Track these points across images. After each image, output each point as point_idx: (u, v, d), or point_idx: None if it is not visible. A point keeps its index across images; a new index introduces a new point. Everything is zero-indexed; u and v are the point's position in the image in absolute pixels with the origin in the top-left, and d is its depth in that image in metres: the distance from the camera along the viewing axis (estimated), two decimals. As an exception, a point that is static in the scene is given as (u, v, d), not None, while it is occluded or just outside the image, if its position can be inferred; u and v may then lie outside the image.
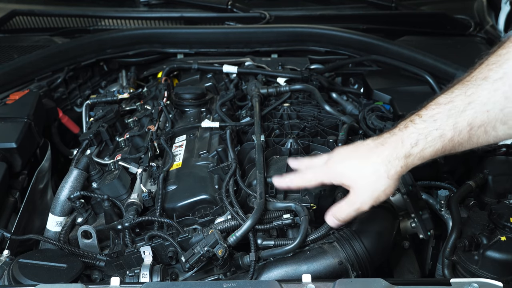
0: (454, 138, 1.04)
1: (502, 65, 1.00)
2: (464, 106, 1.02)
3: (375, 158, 1.11)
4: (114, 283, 1.08)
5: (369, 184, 1.13)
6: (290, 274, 1.23)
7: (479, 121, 1.01)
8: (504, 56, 1.00)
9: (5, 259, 1.28)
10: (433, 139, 1.06)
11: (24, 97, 1.90)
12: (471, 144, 1.05)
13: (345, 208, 1.18)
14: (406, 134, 1.08)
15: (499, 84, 0.99)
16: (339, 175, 1.18)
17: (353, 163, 1.15)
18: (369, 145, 1.14)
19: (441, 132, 1.05)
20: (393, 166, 1.10)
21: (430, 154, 1.08)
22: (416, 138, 1.07)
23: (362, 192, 1.15)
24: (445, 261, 1.30)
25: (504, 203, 1.33)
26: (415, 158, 1.09)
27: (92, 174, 1.58)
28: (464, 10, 2.56)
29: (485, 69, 1.02)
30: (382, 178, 1.11)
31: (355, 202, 1.16)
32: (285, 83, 2.02)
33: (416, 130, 1.07)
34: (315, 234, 1.27)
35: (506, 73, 0.99)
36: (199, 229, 1.33)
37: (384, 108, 1.94)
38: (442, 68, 1.99)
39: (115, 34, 2.35)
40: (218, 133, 1.70)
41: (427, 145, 1.06)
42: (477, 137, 1.03)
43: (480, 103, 1.01)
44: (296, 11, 2.69)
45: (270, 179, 1.42)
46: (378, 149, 1.12)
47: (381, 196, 1.14)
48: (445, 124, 1.04)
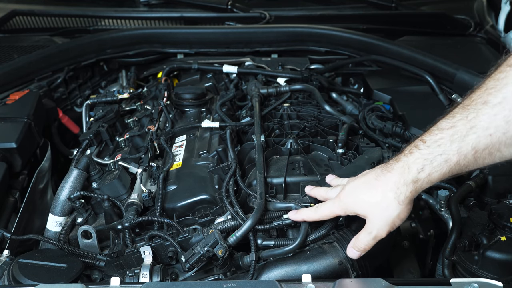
0: (460, 162, 1.05)
1: (500, 90, 1.00)
2: (466, 131, 1.03)
3: (383, 186, 1.13)
4: (114, 283, 1.08)
5: (381, 212, 1.14)
6: (290, 274, 1.23)
7: (483, 145, 1.03)
8: (502, 80, 1.01)
9: (5, 259, 1.28)
10: (439, 164, 1.07)
11: (24, 97, 1.91)
12: (477, 165, 1.06)
13: (364, 238, 1.19)
14: (412, 160, 1.10)
15: (499, 108, 1.00)
16: (351, 207, 1.20)
17: (363, 192, 1.17)
18: (377, 172, 1.16)
19: (446, 157, 1.06)
20: (402, 192, 1.11)
21: (437, 178, 1.09)
22: (422, 164, 1.08)
23: (376, 220, 1.16)
24: (445, 261, 1.30)
25: (504, 203, 1.33)
26: (423, 183, 1.10)
27: (92, 174, 1.58)
28: (464, 10, 2.56)
29: (484, 93, 1.03)
30: (392, 205, 1.13)
31: (372, 231, 1.17)
32: (285, 83, 2.02)
33: (421, 156, 1.08)
34: (315, 234, 1.27)
35: (505, 98, 1.00)
36: (199, 229, 1.33)
37: (384, 108, 1.94)
38: (442, 68, 1.99)
39: (115, 34, 2.35)
40: (218, 133, 1.70)
41: (434, 170, 1.08)
42: (482, 159, 1.05)
43: (482, 128, 1.02)
44: (296, 11, 2.69)
45: (270, 179, 1.42)
46: (385, 176, 1.13)
47: (396, 221, 1.15)
48: (449, 149, 1.05)
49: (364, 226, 1.19)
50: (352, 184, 1.21)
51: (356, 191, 1.19)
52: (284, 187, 1.42)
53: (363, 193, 1.17)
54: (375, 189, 1.14)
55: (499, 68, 1.03)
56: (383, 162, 1.19)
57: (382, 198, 1.13)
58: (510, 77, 1.00)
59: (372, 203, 1.15)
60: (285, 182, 1.42)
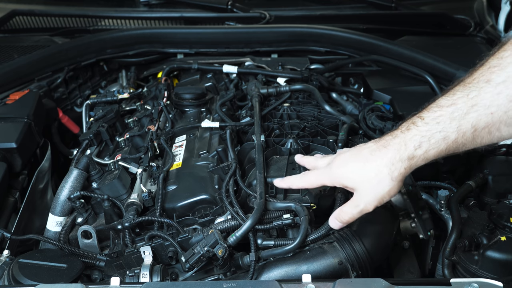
0: (458, 140, 1.05)
1: (504, 68, 1.00)
2: (467, 109, 1.03)
3: (378, 160, 1.12)
4: (114, 283, 1.08)
5: (372, 186, 1.14)
6: (290, 274, 1.23)
7: (483, 123, 1.02)
8: (506, 59, 1.01)
9: (5, 259, 1.28)
10: (437, 141, 1.06)
11: (24, 97, 1.90)
12: (474, 144, 1.06)
13: (349, 210, 1.18)
14: (409, 137, 1.09)
15: (502, 87, 0.99)
16: (341, 178, 1.19)
17: (356, 165, 1.16)
18: (371, 147, 1.15)
19: (445, 135, 1.05)
20: (396, 168, 1.10)
21: (434, 155, 1.09)
22: (419, 141, 1.08)
23: (365, 194, 1.15)
24: (445, 261, 1.30)
25: (504, 203, 1.33)
26: (419, 160, 1.10)
27: (92, 174, 1.59)
28: (464, 10, 2.56)
29: (487, 71, 1.02)
30: (385, 180, 1.12)
31: (359, 204, 1.17)
32: (285, 83, 2.02)
33: (419, 133, 1.08)
34: (315, 234, 1.27)
35: (510, 77, 0.99)
36: (199, 229, 1.33)
37: (384, 108, 1.94)
38: (442, 68, 1.99)
39: (115, 34, 2.35)
40: (218, 133, 1.70)
41: (431, 147, 1.07)
42: (481, 138, 1.04)
43: (484, 106, 1.01)
44: (296, 11, 2.69)
45: (270, 179, 1.42)
46: (380, 151, 1.12)
47: (385, 197, 1.15)
48: (449, 127, 1.05)
49: (351, 199, 1.18)
50: (345, 156, 1.20)
51: (348, 163, 1.18)
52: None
53: (356, 166, 1.16)
54: (369, 163, 1.13)
55: (503, 46, 1.03)
56: None
57: (375, 173, 1.12)
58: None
59: (364, 176, 1.14)
60: (285, 182, 1.42)
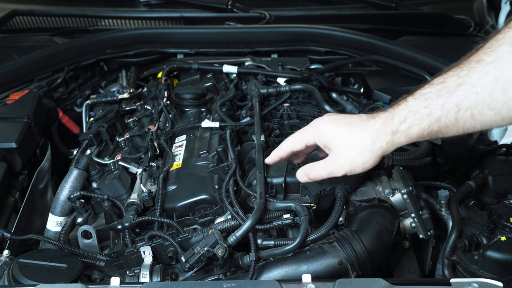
0: (441, 119, 1.05)
1: (496, 49, 1.01)
2: (455, 87, 1.04)
3: (364, 129, 1.13)
4: (114, 283, 1.08)
5: (350, 153, 1.15)
6: (290, 274, 1.23)
7: (467, 103, 1.02)
8: (499, 40, 1.01)
9: (5, 259, 1.28)
10: (421, 116, 1.07)
11: (24, 97, 1.90)
12: (457, 128, 1.06)
13: (319, 168, 1.19)
14: (397, 111, 1.11)
15: (490, 67, 1.00)
16: (324, 136, 1.19)
17: (342, 128, 1.17)
18: (362, 117, 1.17)
19: (429, 111, 1.06)
20: (379, 140, 1.12)
21: (416, 133, 1.09)
22: (405, 115, 1.09)
23: (341, 158, 1.16)
24: (445, 261, 1.30)
25: (504, 203, 1.33)
26: (402, 136, 1.10)
27: (92, 174, 1.58)
28: (464, 10, 2.56)
29: (480, 52, 1.03)
30: (365, 150, 1.13)
31: (331, 165, 1.17)
32: (285, 83, 2.02)
33: (406, 107, 1.09)
34: (315, 234, 1.27)
35: (498, 57, 1.00)
36: (199, 229, 1.33)
37: (384, 108, 1.94)
38: (442, 68, 1.98)
39: (115, 34, 2.35)
40: (218, 133, 1.70)
41: (414, 122, 1.08)
42: (463, 121, 1.04)
43: (471, 85, 1.02)
44: (296, 11, 2.69)
45: (270, 179, 1.42)
46: (369, 122, 1.14)
47: (358, 167, 1.15)
48: (434, 103, 1.06)
49: (325, 159, 1.19)
50: (333, 116, 1.22)
51: (335, 123, 1.19)
52: (284, 187, 1.42)
53: (342, 127, 1.17)
54: (355, 129, 1.14)
55: (500, 30, 1.03)
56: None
57: (358, 140, 1.13)
58: (508, 38, 1.00)
59: (346, 141, 1.15)
60: (285, 182, 1.42)
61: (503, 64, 0.99)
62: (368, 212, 1.33)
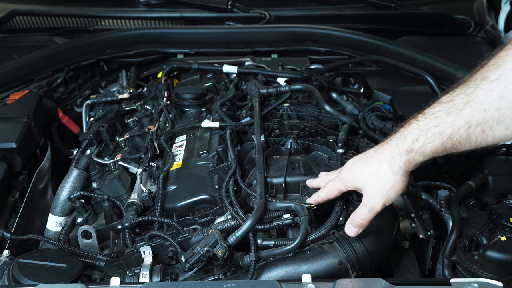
0: (453, 136, 1.06)
1: (500, 66, 1.02)
2: (463, 105, 1.05)
3: (379, 156, 1.15)
4: (114, 283, 1.08)
5: (376, 184, 1.16)
6: (290, 274, 1.23)
7: (476, 120, 1.03)
8: (503, 58, 1.03)
9: (5, 259, 1.28)
10: (433, 135, 1.08)
11: (24, 97, 1.91)
12: (470, 144, 1.07)
13: (360, 212, 1.20)
14: (409, 131, 1.12)
15: (495, 84, 1.01)
16: (350, 179, 1.22)
17: (361, 165, 1.20)
18: (376, 146, 1.19)
19: (440, 129, 1.07)
20: (396, 162, 1.13)
21: (430, 150, 1.10)
22: (417, 134, 1.10)
23: (371, 191, 1.18)
24: (445, 261, 1.30)
25: (504, 203, 1.33)
26: (417, 154, 1.11)
27: (92, 174, 1.58)
28: (464, 10, 2.56)
29: (485, 69, 1.05)
30: (386, 175, 1.14)
31: (367, 203, 1.18)
32: (285, 83, 2.02)
33: (418, 127, 1.11)
34: (315, 234, 1.27)
35: (503, 74, 1.01)
36: (199, 229, 1.33)
37: (384, 108, 1.94)
38: (442, 68, 1.99)
39: (115, 34, 2.35)
40: (218, 133, 1.70)
41: (427, 141, 1.09)
42: (475, 137, 1.05)
43: (478, 102, 1.03)
44: (296, 11, 2.69)
45: (270, 179, 1.42)
46: (383, 148, 1.16)
47: (390, 193, 1.16)
48: (444, 122, 1.07)
49: (362, 201, 1.20)
50: (353, 159, 1.24)
51: (355, 165, 1.22)
52: (284, 187, 1.42)
53: (361, 165, 1.19)
54: (372, 161, 1.17)
55: (504, 46, 1.05)
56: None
57: (377, 169, 1.15)
58: (511, 55, 1.01)
59: (368, 174, 1.17)
60: (285, 182, 1.42)
61: (508, 81, 1.00)
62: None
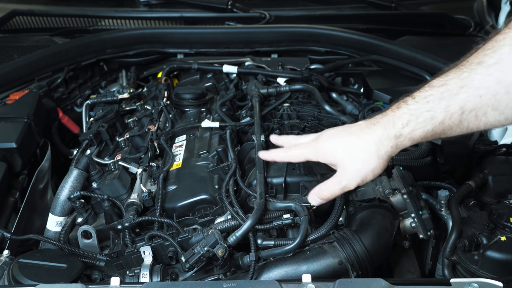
0: (444, 121, 1.04)
1: (497, 51, 1.00)
2: (457, 90, 1.03)
3: (366, 137, 1.11)
4: (114, 283, 1.08)
5: (358, 163, 1.13)
6: (290, 274, 1.23)
7: (471, 105, 1.02)
8: (500, 42, 1.00)
9: (5, 259, 1.28)
10: (424, 120, 1.06)
11: (24, 97, 1.90)
12: (461, 129, 1.05)
13: (330, 186, 1.17)
14: (398, 115, 1.09)
15: (493, 69, 0.99)
16: (327, 153, 1.17)
17: (343, 141, 1.15)
18: (361, 125, 1.14)
19: (433, 114, 1.05)
20: (383, 146, 1.10)
21: (420, 135, 1.08)
22: (408, 119, 1.07)
23: (349, 170, 1.14)
24: (445, 261, 1.30)
25: (504, 203, 1.33)
26: (405, 139, 1.09)
27: (92, 174, 1.59)
28: (464, 10, 2.56)
29: (480, 54, 1.02)
30: (371, 157, 1.11)
31: (342, 180, 1.15)
32: (285, 83, 2.02)
33: (408, 111, 1.08)
34: (315, 234, 1.27)
35: (500, 59, 0.99)
36: (199, 229, 1.33)
37: (384, 108, 1.94)
38: (442, 68, 1.98)
39: (115, 34, 2.35)
40: (218, 133, 1.70)
41: (418, 126, 1.07)
42: (467, 122, 1.04)
43: (473, 87, 1.01)
44: (296, 11, 2.69)
45: (270, 179, 1.42)
46: (369, 128, 1.12)
47: (368, 175, 1.14)
48: (437, 107, 1.04)
49: (334, 175, 1.17)
50: (332, 131, 1.19)
51: (336, 138, 1.17)
52: (284, 187, 1.42)
53: (343, 141, 1.15)
54: (357, 140, 1.12)
55: (499, 31, 1.03)
56: None
57: (362, 149, 1.11)
58: (508, 39, 0.99)
59: (350, 152, 1.13)
60: (285, 182, 1.42)
61: (506, 66, 0.98)
62: (368, 212, 1.33)
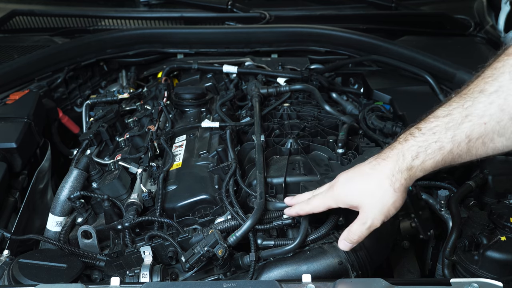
0: (453, 150, 1.06)
1: (497, 78, 1.01)
2: (461, 119, 1.04)
3: (378, 174, 1.12)
4: (114, 283, 1.08)
5: (376, 201, 1.13)
6: (290, 274, 1.23)
7: (477, 133, 1.03)
8: (499, 69, 1.02)
9: (5, 259, 1.28)
10: (433, 151, 1.07)
11: (24, 97, 1.91)
12: (470, 156, 1.06)
13: (357, 229, 1.17)
14: (406, 147, 1.10)
15: (494, 97, 1.00)
16: (345, 197, 1.18)
17: (357, 183, 1.16)
18: (371, 162, 1.15)
19: (440, 145, 1.06)
20: (397, 180, 1.11)
21: (431, 166, 1.09)
22: (416, 151, 1.08)
23: (371, 209, 1.14)
24: (445, 261, 1.30)
25: (504, 203, 1.33)
26: (417, 170, 1.10)
27: (92, 174, 1.59)
28: (464, 10, 2.56)
29: (481, 82, 1.04)
30: (388, 193, 1.12)
31: (366, 221, 1.15)
32: (285, 83, 2.02)
33: (416, 143, 1.09)
34: (315, 234, 1.27)
35: (501, 87, 1.00)
36: (199, 229, 1.33)
37: (384, 108, 1.94)
38: (442, 68, 1.99)
39: (115, 34, 2.35)
40: (218, 133, 1.70)
41: (427, 157, 1.08)
42: (475, 149, 1.05)
43: (477, 116, 1.02)
44: (296, 11, 2.69)
45: (270, 179, 1.42)
46: (380, 165, 1.13)
47: (391, 210, 1.14)
48: (444, 137, 1.05)
49: (357, 217, 1.17)
50: (346, 175, 1.20)
51: (350, 182, 1.18)
52: (284, 187, 1.42)
53: (358, 183, 1.15)
54: (370, 178, 1.13)
55: (497, 58, 1.04)
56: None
57: (377, 186, 1.12)
58: (507, 66, 1.00)
59: (367, 192, 1.14)
60: (285, 182, 1.42)
61: (507, 93, 0.99)
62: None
